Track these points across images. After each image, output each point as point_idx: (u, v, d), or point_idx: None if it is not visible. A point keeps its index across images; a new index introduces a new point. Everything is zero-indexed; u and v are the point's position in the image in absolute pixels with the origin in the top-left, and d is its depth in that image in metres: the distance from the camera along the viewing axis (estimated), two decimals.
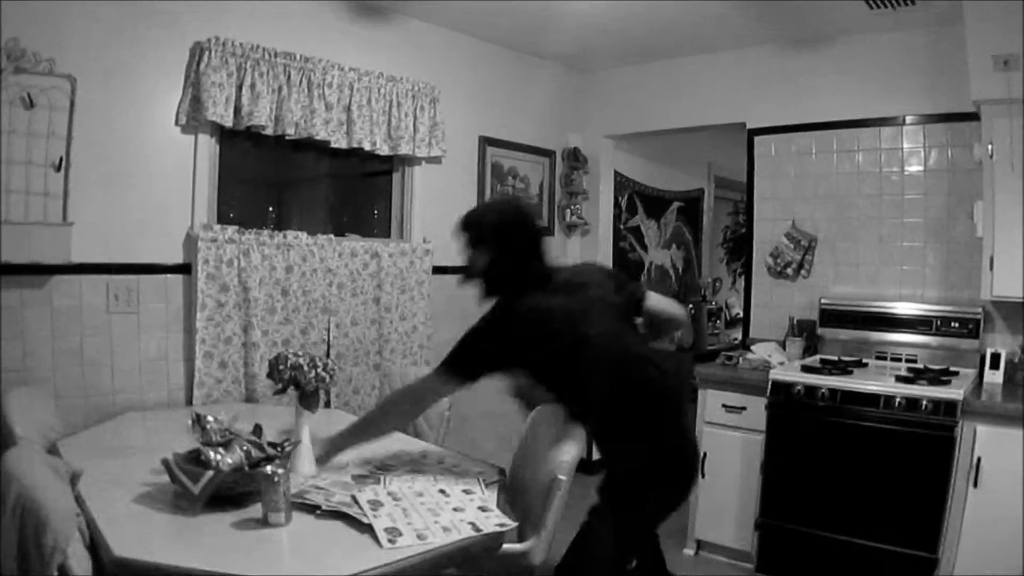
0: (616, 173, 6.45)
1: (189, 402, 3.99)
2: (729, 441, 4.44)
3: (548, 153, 6.05)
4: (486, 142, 5.51)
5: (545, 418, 3.09)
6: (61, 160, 3.51)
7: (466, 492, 2.62)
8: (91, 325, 3.71)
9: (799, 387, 4.21)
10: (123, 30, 3.77)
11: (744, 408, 4.47)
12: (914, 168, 4.78)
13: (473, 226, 2.87)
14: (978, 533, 3.72)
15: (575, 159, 6.12)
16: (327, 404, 4.45)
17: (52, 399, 3.48)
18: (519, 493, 2.90)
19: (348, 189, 5.35)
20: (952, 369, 4.37)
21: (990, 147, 4.00)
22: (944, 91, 4.57)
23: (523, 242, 2.83)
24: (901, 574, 3.88)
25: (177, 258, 4.02)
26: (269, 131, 4.20)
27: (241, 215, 4.40)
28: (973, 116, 4.26)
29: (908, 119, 4.79)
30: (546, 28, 5.19)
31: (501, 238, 2.80)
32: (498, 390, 5.34)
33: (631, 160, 6.68)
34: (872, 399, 4.00)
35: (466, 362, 2.73)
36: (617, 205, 6.52)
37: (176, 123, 3.97)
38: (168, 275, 3.98)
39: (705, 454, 4.40)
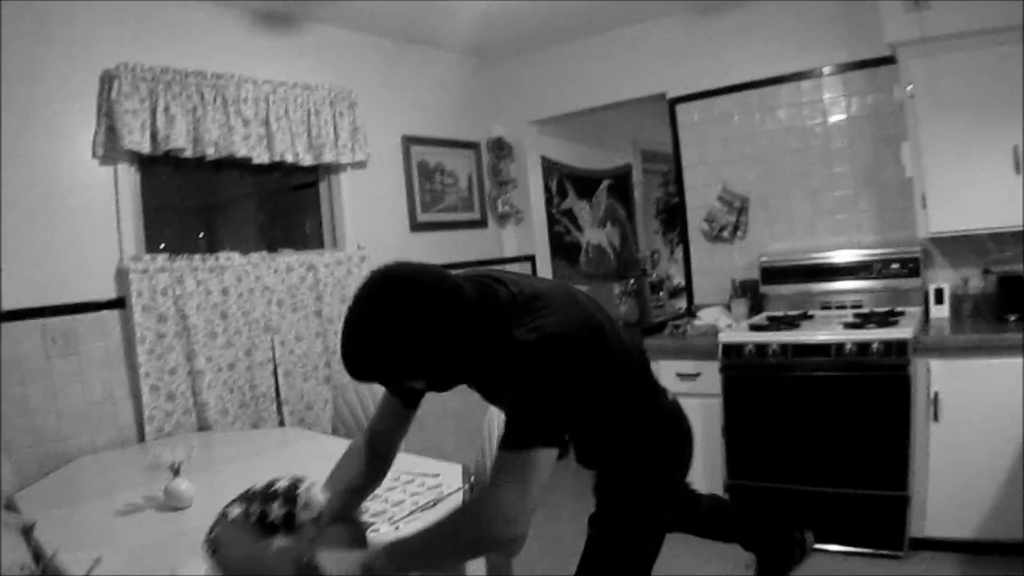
0: (543, 158, 6.49)
1: (141, 438, 3.94)
2: (687, 408, 4.30)
3: (473, 145, 6.07)
4: (409, 141, 5.51)
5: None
6: None
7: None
8: (31, 372, 3.63)
9: (749, 347, 4.30)
10: (26, 65, 3.70)
11: (698, 374, 4.56)
12: (837, 118, 4.90)
13: (373, 373, 1.94)
14: (944, 465, 3.86)
15: (500, 148, 6.15)
16: (281, 423, 4.44)
17: (1, 452, 3.39)
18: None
19: (276, 205, 5.32)
20: (898, 310, 4.50)
21: (910, 88, 4.12)
22: (858, 38, 4.69)
23: (446, 328, 1.88)
24: (875, 515, 3.98)
25: (110, 293, 3.95)
26: (188, 153, 4.15)
27: (171, 242, 4.35)
28: (890, 60, 4.38)
29: (826, 70, 4.90)
30: (450, 19, 5.19)
31: (418, 354, 1.88)
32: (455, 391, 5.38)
33: (556, 143, 6.73)
34: (823, 349, 4.10)
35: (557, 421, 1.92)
36: (548, 190, 6.56)
37: (93, 155, 3.91)
38: (103, 311, 3.91)
39: None
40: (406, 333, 1.84)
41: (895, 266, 4.59)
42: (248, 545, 1.92)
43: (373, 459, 2.29)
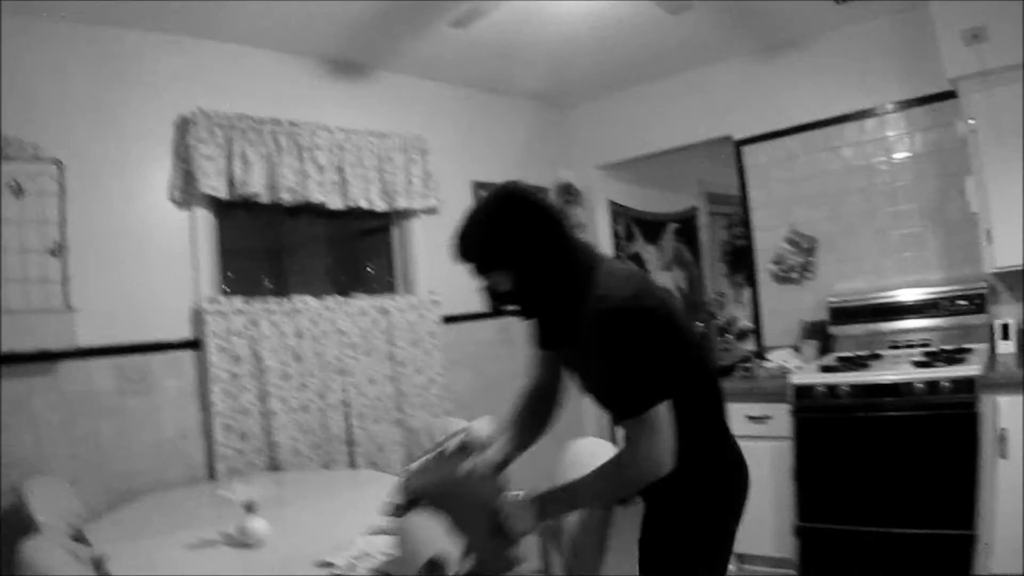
0: (610, 202, 6.31)
1: (211, 477, 3.82)
2: (757, 452, 4.13)
3: (541, 190, 5.90)
4: (479, 186, 5.37)
5: (578, 452, 2.85)
6: (57, 245, 3.39)
7: None
8: (104, 409, 3.56)
9: (820, 387, 4.10)
10: (106, 110, 3.71)
11: (768, 417, 4.34)
12: (901, 155, 4.69)
13: (473, 252, 2.09)
14: (1012, 502, 3.60)
15: (569, 193, 5.99)
16: (351, 464, 4.28)
17: (71, 485, 3.30)
18: (564, 534, 2.68)
19: (344, 249, 5.22)
20: (965, 346, 4.28)
21: (972, 122, 3.93)
22: (919, 74, 4.49)
23: (544, 234, 2.04)
24: (942, 555, 3.73)
25: (185, 333, 3.88)
26: (265, 199, 4.11)
27: (243, 284, 4.26)
28: (951, 94, 4.18)
29: (888, 107, 4.71)
30: (523, 67, 5.10)
31: (517, 247, 2.03)
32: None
33: (623, 187, 6.54)
34: (892, 389, 3.89)
35: (657, 388, 1.92)
36: (615, 234, 6.37)
37: (170, 198, 3.89)
38: (178, 351, 3.84)
39: None
40: (506, 218, 2.04)
41: (961, 302, 4.37)
42: (437, 472, 2.19)
43: (533, 410, 2.45)
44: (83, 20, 3.64)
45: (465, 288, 5.03)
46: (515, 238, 2.03)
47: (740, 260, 6.79)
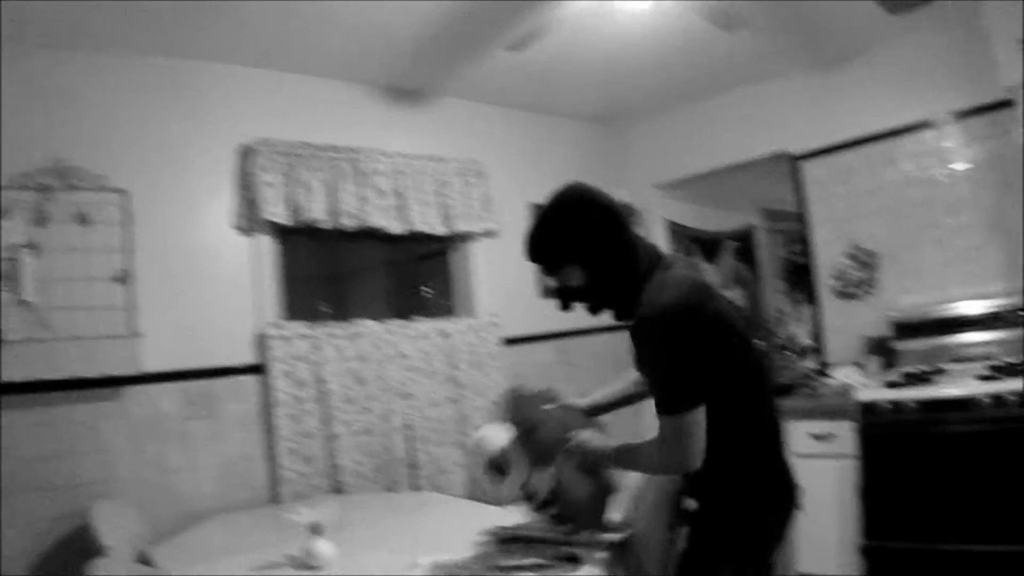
0: (668, 221, 6.19)
1: (275, 500, 3.78)
2: (821, 470, 4.10)
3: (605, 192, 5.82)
4: (537, 209, 5.30)
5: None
6: (123, 273, 3.41)
7: None
8: (169, 432, 3.57)
9: (885, 404, 3.94)
10: (169, 140, 3.74)
11: (832, 435, 4.18)
12: (960, 166, 4.51)
13: (544, 250, 2.13)
14: None
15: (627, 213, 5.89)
16: (414, 487, 4.21)
17: (136, 508, 3.30)
18: (634, 555, 2.59)
19: (403, 274, 5.19)
20: None
21: None
22: (975, 84, 4.31)
23: (611, 228, 2.07)
24: (1011, 572, 3.55)
25: (249, 358, 3.86)
26: (326, 224, 4.09)
27: (304, 309, 4.24)
28: (1008, 103, 3.98)
29: (946, 118, 4.53)
30: (578, 89, 5.06)
31: (586, 241, 2.06)
32: None
33: (680, 206, 6.42)
34: (958, 403, 3.73)
35: (692, 393, 1.90)
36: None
37: (233, 225, 3.90)
38: (242, 376, 3.82)
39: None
40: (572, 213, 2.10)
41: None
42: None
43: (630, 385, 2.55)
44: (148, 52, 3.69)
45: (524, 310, 5.04)
46: (582, 233, 2.07)
47: (799, 277, 6.61)
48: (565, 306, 2.21)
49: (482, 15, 3.71)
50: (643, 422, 2.63)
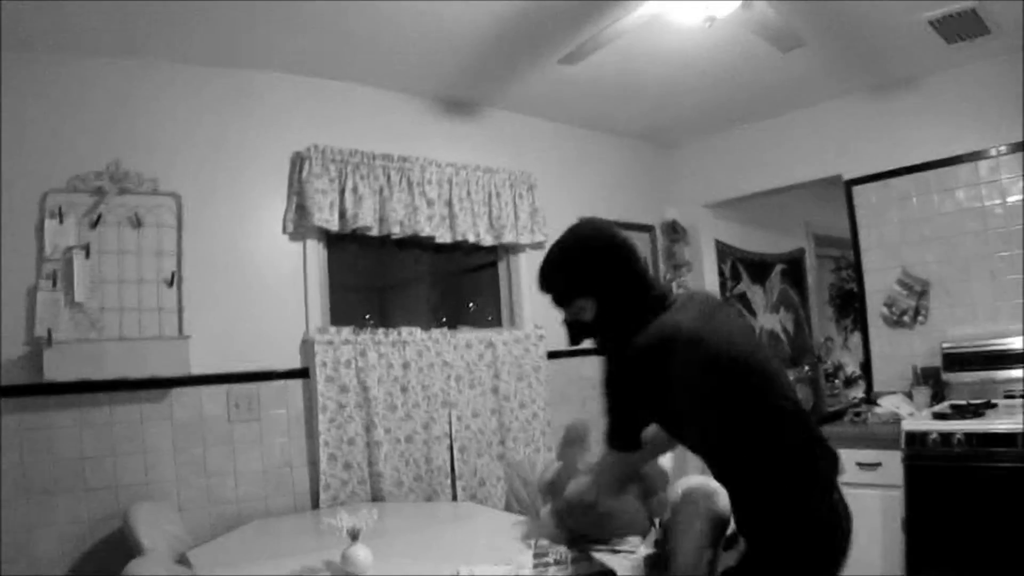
0: (717, 241, 6.07)
1: (315, 505, 3.73)
2: (866, 500, 3.97)
3: (648, 228, 5.71)
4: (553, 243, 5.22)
5: (686, 492, 2.68)
6: (173, 275, 3.42)
7: None
8: (212, 435, 3.53)
9: (934, 435, 3.79)
10: (223, 145, 3.73)
11: (879, 464, 4.05)
12: (1016, 197, 4.34)
13: (557, 281, 2.14)
14: None
15: (674, 232, 5.78)
16: (454, 497, 4.14)
17: (177, 511, 3.29)
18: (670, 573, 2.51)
19: (447, 287, 5.14)
20: None
21: None
22: None
23: (622, 265, 2.08)
24: None
25: (294, 363, 3.82)
26: (375, 232, 4.05)
27: (349, 316, 4.19)
28: None
29: (1003, 149, 4.37)
30: (630, 105, 4.97)
31: (597, 276, 2.06)
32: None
33: (730, 227, 6.30)
34: (1008, 439, 3.59)
35: (625, 428, 2.06)
36: (721, 273, 6.11)
37: (283, 231, 3.88)
38: (287, 380, 3.78)
39: None
40: (583, 247, 2.10)
41: None
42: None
43: None
44: (202, 60, 3.68)
45: None
46: (594, 267, 2.07)
47: (848, 304, 6.47)
48: (574, 339, 2.20)
49: (537, 28, 3.64)
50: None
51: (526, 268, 4.83)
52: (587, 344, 2.22)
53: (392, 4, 3.33)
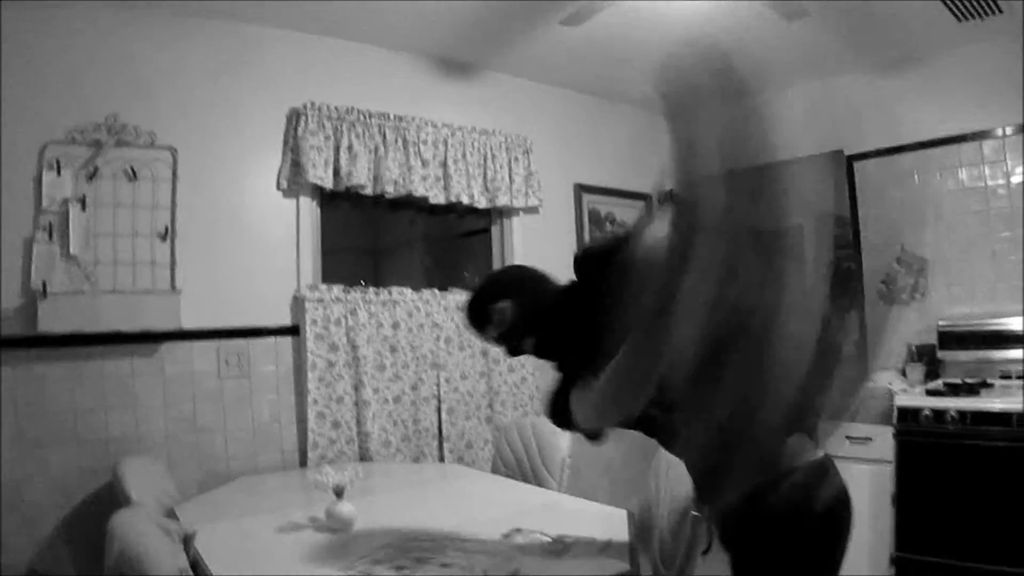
0: None
1: (303, 464, 3.82)
2: (856, 474, 3.98)
3: (644, 196, 5.78)
4: (581, 189, 5.28)
5: (671, 458, 2.78)
6: (167, 229, 3.48)
7: None
8: (202, 391, 3.61)
9: (926, 412, 3.88)
10: (220, 100, 3.77)
11: (869, 439, 4.12)
12: (1019, 178, 4.41)
13: (472, 302, 2.27)
14: None
15: (671, 201, 5.83)
16: (440, 459, 4.25)
17: (166, 466, 3.37)
18: (653, 538, 2.61)
19: (441, 250, 5.20)
20: None
21: None
22: None
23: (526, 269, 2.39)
24: None
25: (285, 320, 3.90)
26: (369, 190, 4.10)
27: (342, 275, 4.25)
28: None
29: (1008, 130, 4.43)
30: (630, 72, 4.95)
31: (505, 284, 2.31)
32: (615, 440, 5.07)
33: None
34: (1003, 418, 3.66)
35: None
36: None
37: (277, 187, 3.93)
38: (277, 337, 3.86)
39: None
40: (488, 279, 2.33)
41: None
42: None
43: None
44: (201, 14, 3.71)
45: None
46: (500, 279, 2.41)
47: (844, 281, 6.54)
48: (513, 351, 2.28)
49: None
50: None
51: (520, 232, 4.90)
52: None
53: None
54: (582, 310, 1.94)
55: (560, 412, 2.01)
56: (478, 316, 2.25)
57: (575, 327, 1.98)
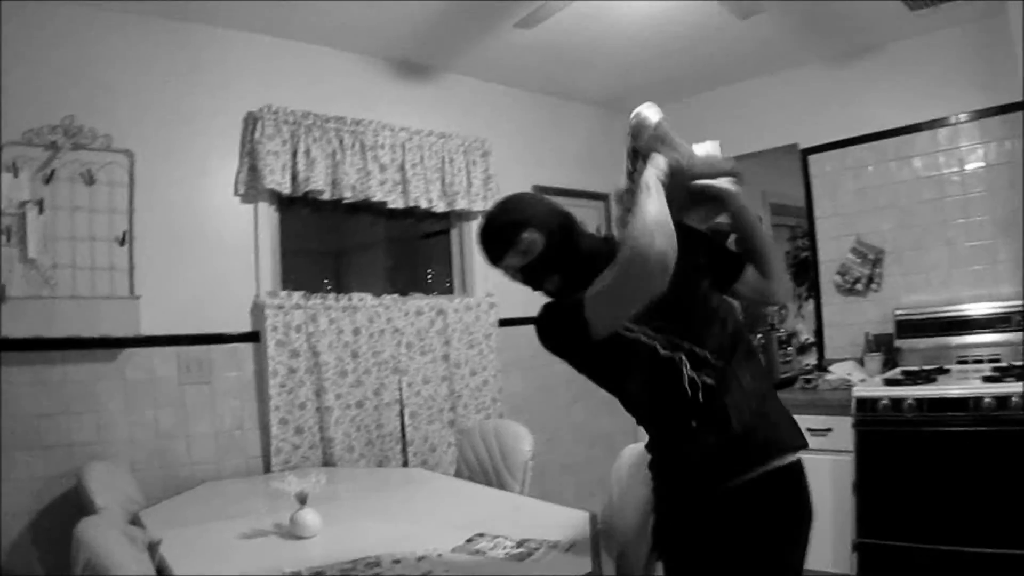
0: None
1: (267, 469, 3.87)
2: (817, 465, 4.07)
3: (603, 197, 5.89)
4: (540, 191, 5.37)
5: (632, 459, 2.87)
6: (124, 234, 3.51)
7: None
8: (164, 397, 3.63)
9: (884, 401, 3.98)
10: (176, 103, 3.80)
11: (829, 430, 4.25)
12: (974, 165, 4.56)
13: (500, 222, 2.13)
14: None
15: (629, 201, 5.93)
16: (404, 463, 4.30)
17: (129, 471, 3.39)
18: (615, 538, 2.69)
19: (403, 252, 5.25)
20: None
21: None
22: (996, 83, 4.35)
23: (556, 207, 2.19)
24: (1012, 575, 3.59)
25: (245, 326, 3.93)
26: (327, 196, 4.15)
27: (302, 280, 4.30)
28: None
29: (963, 117, 4.58)
30: (587, 72, 5.10)
31: (536, 210, 2.14)
32: (576, 441, 5.16)
33: None
34: (960, 403, 3.76)
35: None
36: None
37: (235, 192, 3.96)
38: (238, 344, 3.90)
39: None
40: (515, 199, 2.21)
41: None
42: None
43: None
44: (158, 14, 3.73)
45: (522, 291, 5.08)
46: (530, 204, 2.18)
47: (802, 272, 6.70)
48: (534, 283, 2.19)
49: None
50: None
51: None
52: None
53: None
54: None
55: (572, 324, 1.92)
56: (497, 241, 2.11)
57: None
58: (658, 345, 1.97)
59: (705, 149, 2.20)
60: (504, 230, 2.09)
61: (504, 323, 4.93)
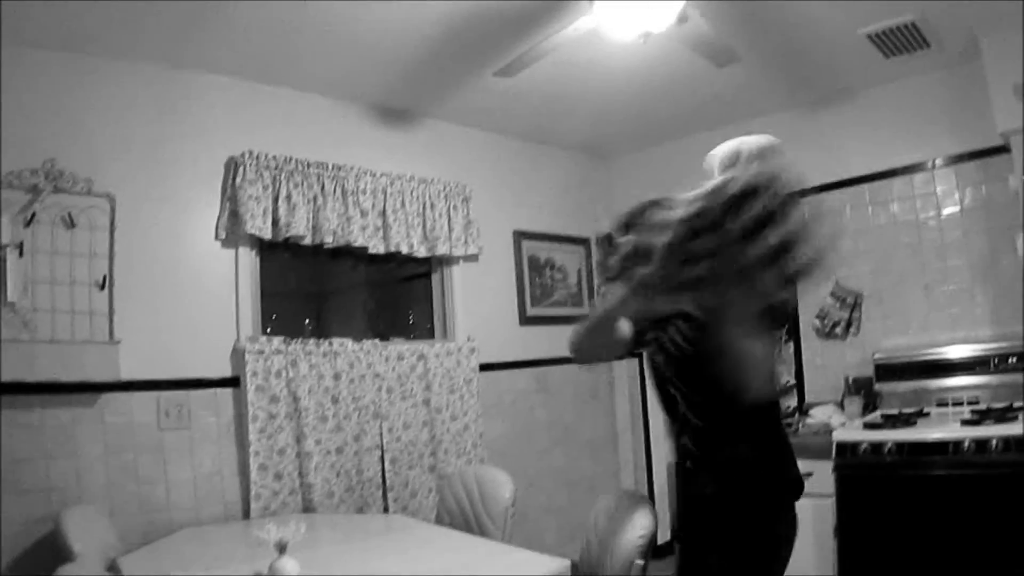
0: None
1: (246, 515, 3.86)
2: (799, 508, 4.07)
3: (583, 241, 5.97)
4: (521, 236, 5.45)
5: (610, 505, 2.92)
6: (104, 279, 3.54)
7: None
8: (143, 442, 3.64)
9: (864, 445, 4.01)
10: (158, 148, 3.84)
11: (810, 474, 4.20)
12: (950, 210, 4.65)
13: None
14: None
15: (609, 244, 5.95)
16: (385, 509, 4.32)
17: (108, 516, 3.39)
18: None
19: (385, 295, 5.30)
20: (1016, 405, 4.15)
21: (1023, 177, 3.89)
22: (970, 128, 4.47)
23: None
24: None
25: (225, 371, 3.96)
26: (308, 240, 4.20)
27: (283, 325, 4.34)
28: (1003, 149, 4.16)
29: (938, 162, 4.68)
30: (566, 118, 5.20)
31: None
32: (556, 484, 5.18)
33: None
34: (940, 447, 3.79)
35: None
36: None
37: (216, 237, 4.00)
38: (217, 389, 3.91)
39: None
40: None
41: (1012, 360, 4.27)
42: None
43: None
44: (140, 59, 3.79)
45: (503, 336, 5.17)
46: None
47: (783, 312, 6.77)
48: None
49: (473, 39, 3.84)
50: None
51: (460, 278, 5.04)
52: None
53: (329, 10, 3.48)
54: None
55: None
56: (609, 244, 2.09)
57: None
58: None
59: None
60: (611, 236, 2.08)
61: (485, 367, 4.97)
